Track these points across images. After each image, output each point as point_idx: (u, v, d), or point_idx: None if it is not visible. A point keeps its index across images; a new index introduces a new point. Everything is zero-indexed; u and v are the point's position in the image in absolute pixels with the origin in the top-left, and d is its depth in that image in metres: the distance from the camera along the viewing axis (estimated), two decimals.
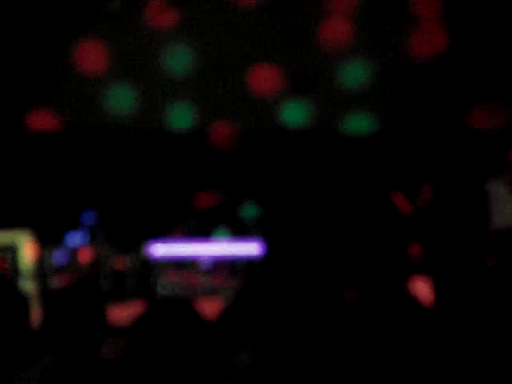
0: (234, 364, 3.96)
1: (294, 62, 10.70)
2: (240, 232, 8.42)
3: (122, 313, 6.14)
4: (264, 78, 10.67)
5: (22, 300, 3.52)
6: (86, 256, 8.40)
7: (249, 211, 8.90)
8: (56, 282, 7.99)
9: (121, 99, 10.44)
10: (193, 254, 8.32)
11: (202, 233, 8.79)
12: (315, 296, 4.64)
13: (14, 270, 7.85)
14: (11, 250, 8.04)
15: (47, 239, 8.53)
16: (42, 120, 10.28)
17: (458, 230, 8.07)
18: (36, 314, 3.78)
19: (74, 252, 8.55)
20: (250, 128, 10.57)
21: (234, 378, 3.72)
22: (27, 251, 7.80)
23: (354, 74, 10.70)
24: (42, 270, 8.07)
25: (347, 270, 3.92)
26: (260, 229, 7.72)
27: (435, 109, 10.73)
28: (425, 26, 10.55)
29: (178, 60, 10.53)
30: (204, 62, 10.59)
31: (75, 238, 8.74)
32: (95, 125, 10.51)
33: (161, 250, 8.11)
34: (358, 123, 10.77)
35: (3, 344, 3.38)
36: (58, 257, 8.56)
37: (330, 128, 10.84)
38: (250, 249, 7.28)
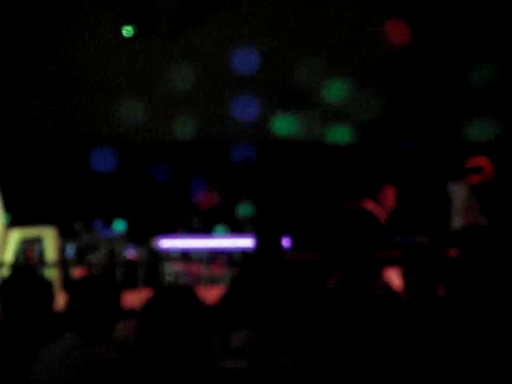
0: (229, 343, 3.98)
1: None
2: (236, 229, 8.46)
3: (134, 298, 6.17)
4: None
5: (46, 286, 3.54)
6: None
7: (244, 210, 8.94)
8: (76, 272, 7.98)
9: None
10: (195, 247, 8.34)
11: (204, 229, 8.81)
12: (301, 284, 4.67)
13: (40, 261, 7.89)
14: (38, 243, 8.08)
15: (68, 234, 8.56)
16: None
17: (424, 226, 8.12)
18: (59, 299, 3.81)
19: (91, 246, 8.58)
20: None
21: (230, 355, 3.74)
22: (51, 244, 7.81)
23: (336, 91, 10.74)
24: (64, 261, 8.08)
25: (330, 261, 3.95)
26: (253, 225, 7.73)
27: (404, 123, 10.78)
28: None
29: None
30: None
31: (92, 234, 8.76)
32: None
33: (167, 243, 8.12)
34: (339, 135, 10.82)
35: (29, 323, 3.41)
36: (77, 249, 8.58)
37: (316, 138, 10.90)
38: (245, 243, 7.32)
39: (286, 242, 6.98)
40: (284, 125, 10.68)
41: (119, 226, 8.59)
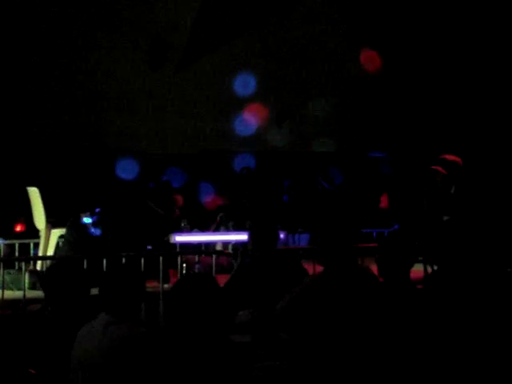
0: (235, 320, 4.03)
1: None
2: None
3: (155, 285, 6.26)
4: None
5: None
6: None
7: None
8: None
9: None
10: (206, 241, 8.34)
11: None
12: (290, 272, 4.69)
13: None
14: None
15: None
16: None
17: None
18: None
19: None
20: None
21: (235, 330, 3.79)
22: None
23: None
24: None
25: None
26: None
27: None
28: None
29: None
30: None
31: None
32: None
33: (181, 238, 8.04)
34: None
35: (70, 306, 3.38)
36: None
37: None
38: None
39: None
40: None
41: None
